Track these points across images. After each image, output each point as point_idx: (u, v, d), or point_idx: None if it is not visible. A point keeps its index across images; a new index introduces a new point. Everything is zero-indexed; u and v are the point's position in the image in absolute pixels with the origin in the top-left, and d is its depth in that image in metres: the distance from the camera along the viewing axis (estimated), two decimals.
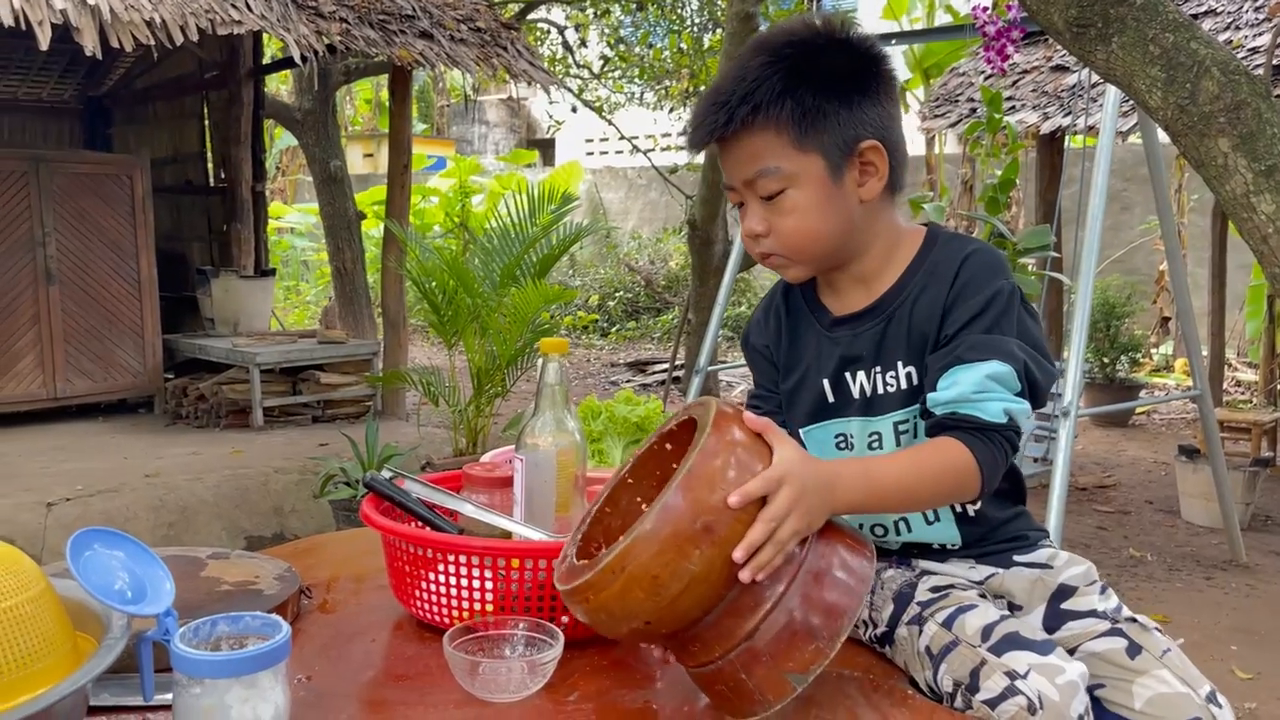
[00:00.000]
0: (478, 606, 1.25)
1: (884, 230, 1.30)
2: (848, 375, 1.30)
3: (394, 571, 1.34)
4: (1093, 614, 1.27)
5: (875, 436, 1.30)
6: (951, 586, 1.28)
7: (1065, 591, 1.29)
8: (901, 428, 1.28)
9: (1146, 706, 1.16)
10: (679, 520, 0.96)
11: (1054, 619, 1.28)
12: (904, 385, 1.27)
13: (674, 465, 1.14)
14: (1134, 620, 1.26)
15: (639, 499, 1.17)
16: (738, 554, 0.97)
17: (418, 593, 1.29)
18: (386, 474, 1.40)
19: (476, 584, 1.24)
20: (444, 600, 1.26)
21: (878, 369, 1.28)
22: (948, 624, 1.18)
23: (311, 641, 1.26)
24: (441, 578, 1.26)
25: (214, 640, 1.02)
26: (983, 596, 1.27)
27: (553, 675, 1.12)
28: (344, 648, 1.25)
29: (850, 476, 1.10)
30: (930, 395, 1.20)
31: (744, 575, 0.98)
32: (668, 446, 1.17)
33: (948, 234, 1.32)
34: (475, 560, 1.24)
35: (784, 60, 1.21)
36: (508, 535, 1.33)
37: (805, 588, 1.03)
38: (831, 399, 1.31)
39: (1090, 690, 1.16)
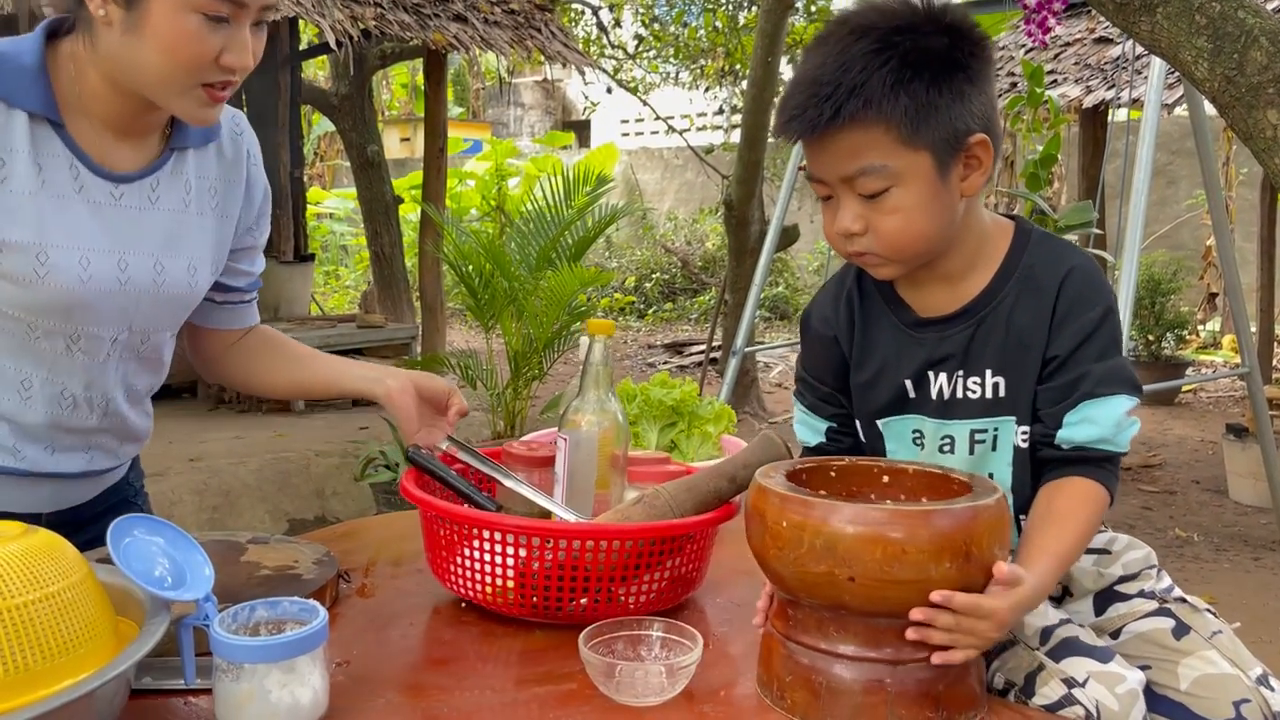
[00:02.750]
0: (499, 583, 1.26)
1: (974, 224, 1.23)
2: (930, 374, 1.25)
3: (425, 544, 1.36)
4: (1140, 595, 1.25)
5: (948, 440, 1.25)
6: None
7: (1123, 578, 1.27)
8: (978, 436, 1.23)
9: (1193, 687, 1.14)
10: (957, 530, 0.98)
11: (1102, 602, 1.27)
12: (989, 394, 1.22)
13: (873, 496, 1.17)
14: (1184, 601, 1.24)
15: (823, 491, 1.15)
16: (916, 614, 0.98)
17: (451, 566, 1.31)
18: (443, 445, 1.41)
19: (499, 560, 1.25)
20: (468, 574, 1.28)
21: (960, 372, 1.23)
22: None
23: (349, 626, 1.27)
24: (467, 552, 1.27)
25: (253, 625, 1.03)
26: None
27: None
28: (382, 632, 1.26)
29: (1046, 583, 1.09)
30: (1061, 434, 1.18)
31: (909, 633, 0.99)
32: (885, 479, 1.18)
33: (1039, 233, 1.26)
34: (499, 536, 1.24)
35: (894, 47, 1.11)
36: (546, 513, 1.34)
37: (975, 675, 1.06)
38: (912, 395, 1.27)
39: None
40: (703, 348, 8.81)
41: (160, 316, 1.37)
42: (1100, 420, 1.16)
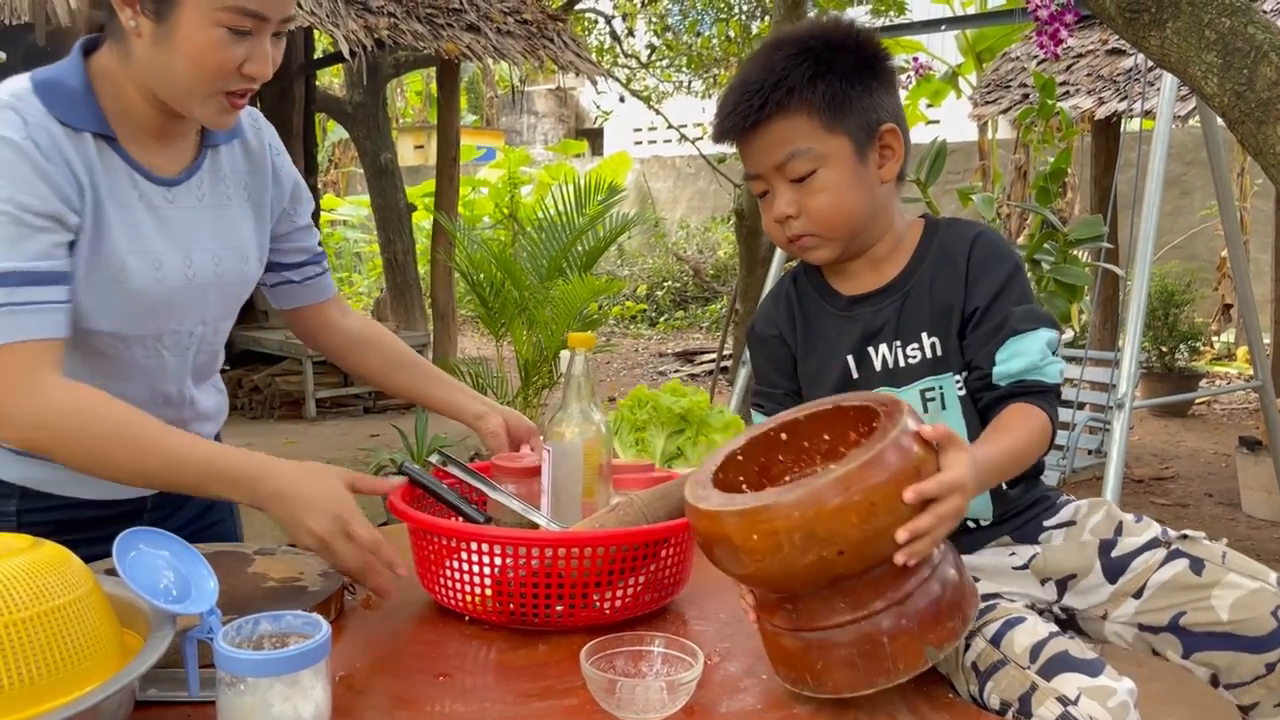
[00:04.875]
0: (479, 592, 1.29)
1: (894, 216, 1.38)
2: (870, 349, 1.35)
3: (413, 556, 1.40)
4: (1146, 547, 1.29)
5: None
6: (998, 596, 1.28)
7: (1109, 543, 1.31)
8: (928, 395, 1.33)
9: (1233, 613, 1.19)
10: (905, 460, 1.00)
11: (1112, 569, 1.29)
12: (928, 355, 1.33)
13: (780, 456, 1.18)
14: (1184, 536, 1.29)
15: (741, 478, 1.17)
16: (901, 534, 1.00)
17: (433, 576, 1.35)
18: (434, 459, 1.47)
19: (477, 570, 1.28)
20: (447, 584, 1.32)
21: (898, 342, 1.34)
22: (995, 641, 1.18)
23: (354, 638, 1.28)
24: (452, 562, 1.31)
25: (256, 638, 1.03)
26: (1030, 608, 1.27)
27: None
28: (385, 645, 1.27)
29: (994, 467, 1.16)
30: (996, 370, 1.27)
31: (899, 558, 1.01)
32: (783, 436, 1.20)
33: (946, 219, 1.41)
34: (474, 547, 1.28)
35: (809, 51, 1.29)
36: (534, 524, 1.37)
37: (956, 566, 1.09)
38: (856, 375, 1.36)
39: (1174, 622, 1.22)
40: (714, 356, 8.81)
41: (225, 305, 1.48)
42: (1027, 351, 1.27)
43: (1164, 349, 7.52)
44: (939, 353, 1.32)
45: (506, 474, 1.47)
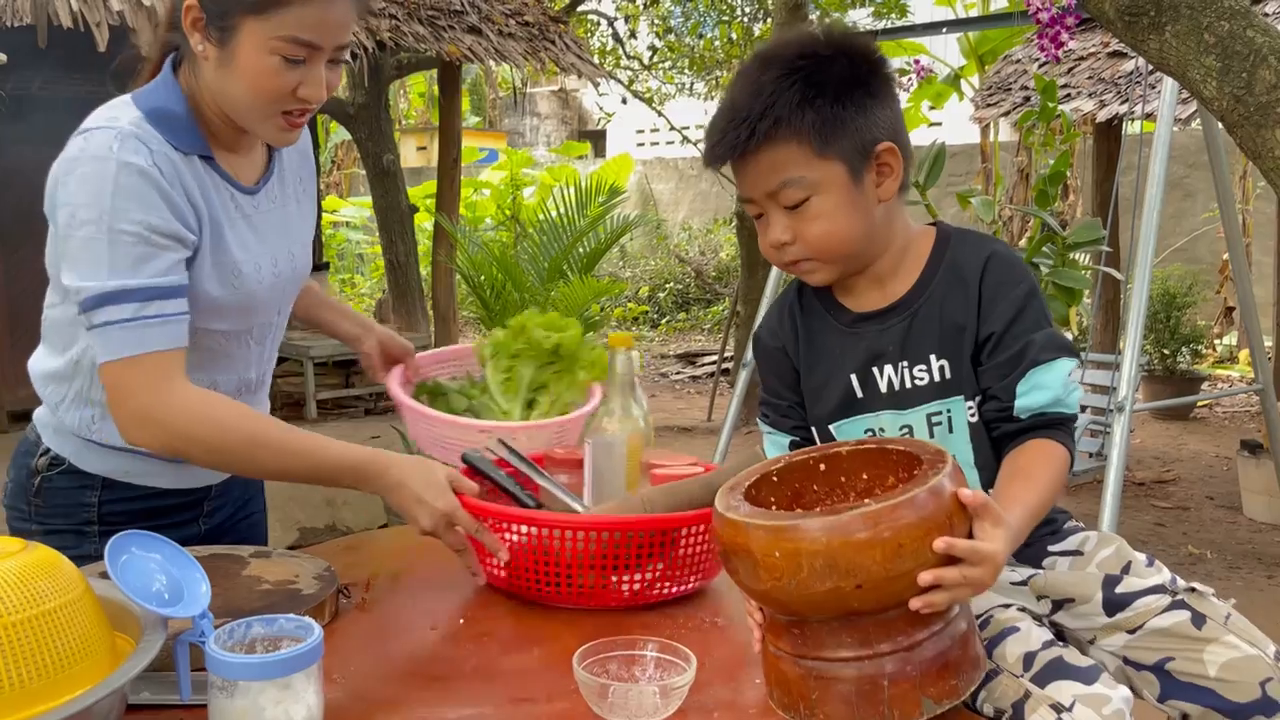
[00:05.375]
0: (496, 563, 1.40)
1: (898, 230, 1.33)
2: (875, 370, 1.32)
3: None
4: (1150, 591, 1.26)
5: (907, 429, 1.32)
6: (993, 607, 1.27)
7: (1114, 579, 1.28)
8: (935, 419, 1.30)
9: (1221, 673, 1.17)
10: (939, 507, 0.99)
11: (1113, 603, 1.27)
12: (936, 378, 1.29)
13: (815, 486, 1.17)
14: (1192, 589, 1.27)
15: (772, 499, 1.17)
16: (925, 577, 0.99)
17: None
18: (492, 447, 1.56)
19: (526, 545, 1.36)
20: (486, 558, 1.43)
21: (904, 363, 1.30)
22: (988, 651, 1.17)
23: (348, 641, 1.28)
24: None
25: (249, 642, 1.03)
26: (1023, 611, 1.27)
27: None
28: (380, 648, 1.27)
29: (1024, 530, 1.13)
30: (1018, 403, 1.24)
31: (915, 603, 1.00)
32: (822, 467, 1.18)
33: (958, 231, 1.36)
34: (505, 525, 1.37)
35: (798, 72, 1.24)
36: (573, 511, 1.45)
37: (969, 627, 1.07)
38: (860, 394, 1.33)
39: (1160, 665, 1.20)
40: (715, 358, 8.80)
41: (291, 295, 1.62)
42: (1050, 384, 1.24)
43: (1165, 352, 7.51)
44: (948, 376, 1.29)
45: (559, 464, 1.59)
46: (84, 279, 1.30)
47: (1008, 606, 1.27)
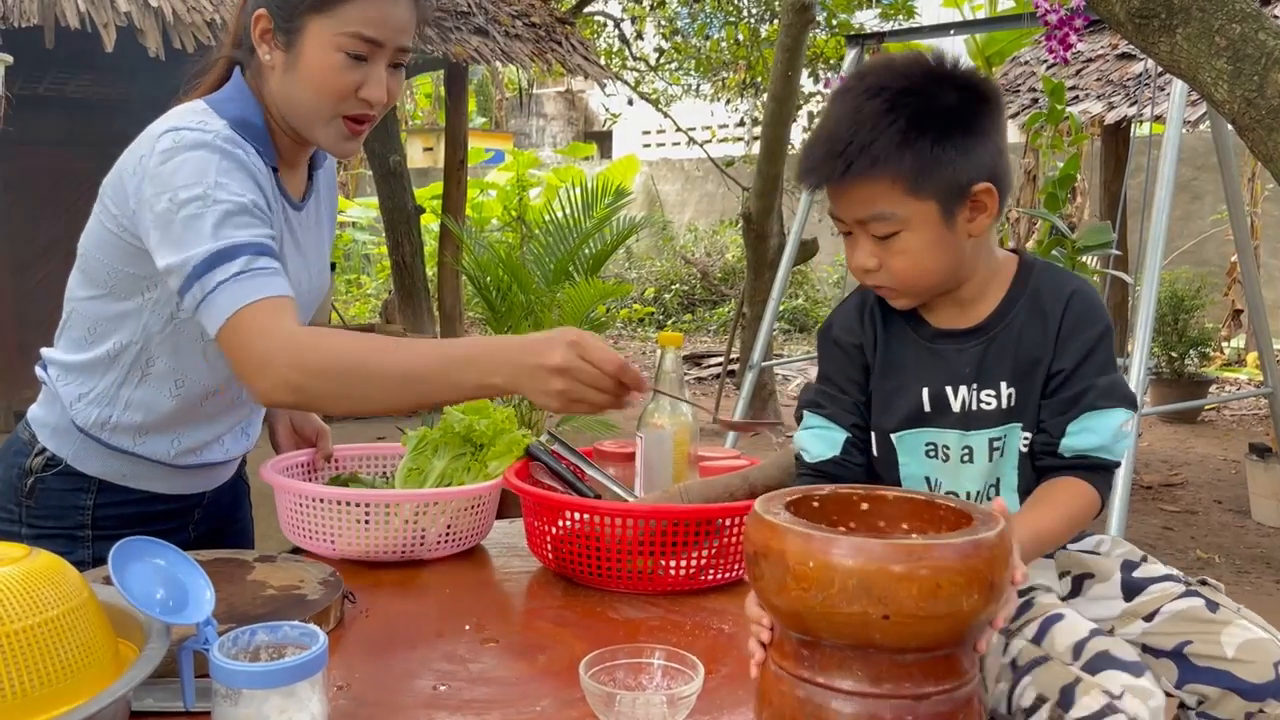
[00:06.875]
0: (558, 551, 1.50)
1: (985, 258, 1.34)
2: (948, 389, 1.33)
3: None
4: (1168, 578, 1.30)
5: (967, 450, 1.34)
6: (1033, 589, 1.26)
7: (1132, 564, 1.33)
8: (995, 444, 1.33)
9: (1239, 653, 1.18)
10: (984, 562, 0.96)
11: (1131, 586, 1.30)
12: (1003, 405, 1.32)
13: (853, 524, 1.14)
14: (1204, 583, 1.30)
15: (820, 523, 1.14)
16: (983, 645, 1.01)
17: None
18: (544, 440, 1.65)
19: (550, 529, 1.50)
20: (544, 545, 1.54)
21: (975, 385, 1.32)
22: (1037, 639, 1.17)
23: (353, 648, 1.27)
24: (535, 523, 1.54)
25: (253, 649, 1.03)
26: (1064, 599, 1.28)
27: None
28: (385, 655, 1.26)
29: (1026, 553, 1.14)
30: (1065, 441, 1.27)
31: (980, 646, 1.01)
32: (864, 506, 1.16)
33: (1042, 263, 1.37)
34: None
35: (903, 108, 1.22)
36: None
37: (976, 693, 1.04)
38: (928, 409, 1.34)
39: (1179, 649, 1.22)
40: (721, 360, 8.80)
41: (312, 312, 1.65)
42: (1100, 430, 1.27)
43: (1174, 354, 7.49)
44: (1013, 403, 1.31)
45: (609, 458, 1.70)
46: (190, 248, 1.29)
47: (1049, 593, 1.27)
